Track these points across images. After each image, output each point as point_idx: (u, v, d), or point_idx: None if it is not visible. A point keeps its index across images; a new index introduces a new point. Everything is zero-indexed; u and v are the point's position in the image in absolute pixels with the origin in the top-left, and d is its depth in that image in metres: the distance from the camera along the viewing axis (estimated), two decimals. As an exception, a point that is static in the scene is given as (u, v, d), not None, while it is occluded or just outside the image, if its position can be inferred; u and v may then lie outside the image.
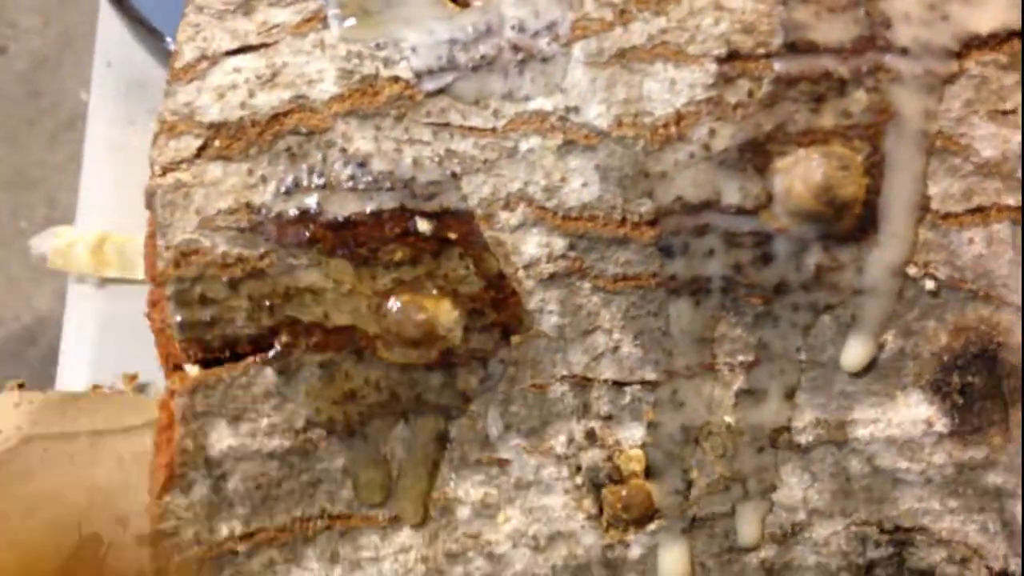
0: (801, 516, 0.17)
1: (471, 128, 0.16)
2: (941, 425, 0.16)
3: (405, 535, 0.17)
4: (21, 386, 0.32)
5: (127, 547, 0.31)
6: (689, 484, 0.17)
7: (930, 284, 0.16)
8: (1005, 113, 0.16)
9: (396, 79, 0.17)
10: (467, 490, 0.17)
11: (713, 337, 0.17)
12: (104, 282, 0.33)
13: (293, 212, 0.16)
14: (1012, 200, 0.16)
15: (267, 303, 0.16)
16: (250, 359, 0.17)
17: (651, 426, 0.17)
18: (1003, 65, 0.16)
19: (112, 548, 0.32)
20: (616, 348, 0.17)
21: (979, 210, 0.16)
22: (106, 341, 0.31)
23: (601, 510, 0.17)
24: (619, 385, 0.17)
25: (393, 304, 0.16)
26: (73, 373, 0.34)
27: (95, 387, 0.33)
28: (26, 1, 0.53)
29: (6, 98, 0.52)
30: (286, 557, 0.17)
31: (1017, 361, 0.16)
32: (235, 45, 0.17)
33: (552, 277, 0.16)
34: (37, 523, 0.32)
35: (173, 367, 0.17)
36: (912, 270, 0.16)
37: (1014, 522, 0.17)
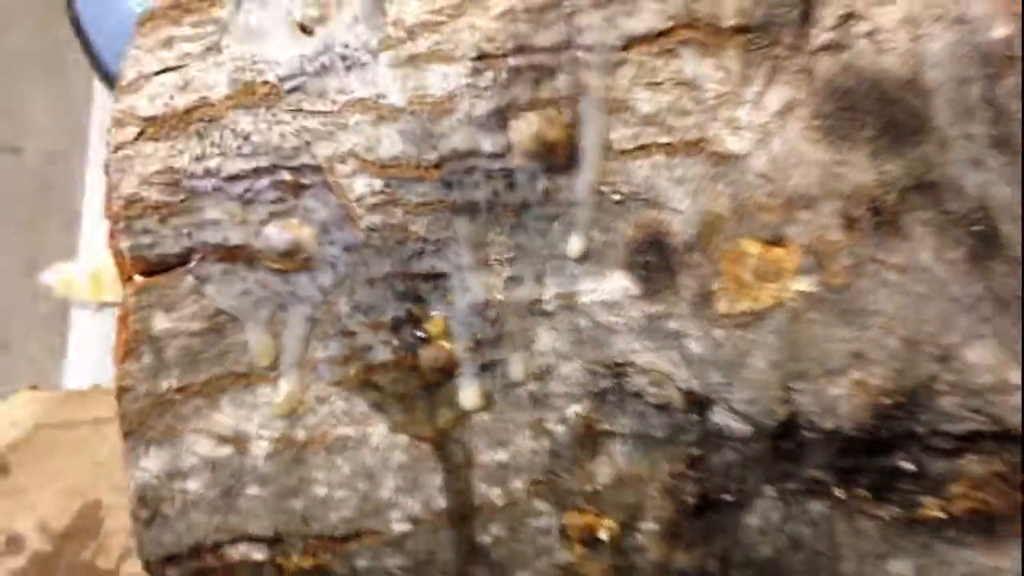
0: (552, 360, 0.25)
1: (317, 112, 0.24)
2: (635, 291, 0.24)
3: (288, 386, 0.25)
4: (34, 388, 0.40)
5: (121, 509, 0.39)
6: (478, 343, 0.25)
7: (617, 196, 0.24)
8: (655, 84, 0.24)
9: (266, 83, 0.24)
10: (329, 354, 0.25)
11: (486, 242, 0.24)
12: (101, 306, 0.40)
13: (201, 171, 0.24)
14: (664, 139, 0.24)
15: (186, 231, 0.24)
16: (177, 269, 0.24)
17: (449, 304, 0.25)
18: (653, 53, 0.24)
19: (110, 510, 0.40)
20: (422, 252, 0.24)
21: (642, 147, 0.24)
22: (103, 353, 0.38)
23: (418, 365, 0.25)
24: (425, 277, 0.25)
25: (270, 229, 0.24)
26: (76, 380, 0.41)
27: (95, 386, 0.40)
28: (38, 103, 0.57)
29: (22, 192, 0.55)
30: (208, 404, 0.25)
31: (681, 242, 0.24)
32: (160, 68, 0.25)
33: (374, 206, 0.24)
34: (50, 493, 0.39)
35: (127, 278, 0.24)
36: (605, 188, 0.24)
37: (692, 354, 0.24)
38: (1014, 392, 0.23)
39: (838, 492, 0.25)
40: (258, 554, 0.25)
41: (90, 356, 0.41)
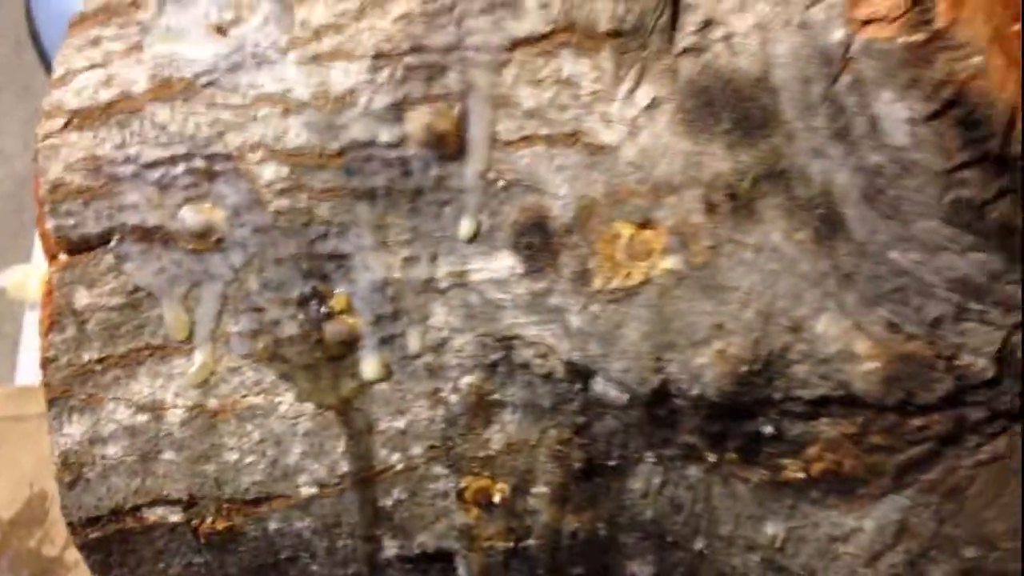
0: (446, 333, 0.27)
1: (229, 105, 0.26)
2: (520, 269, 0.26)
3: (201, 358, 0.27)
4: (-13, 383, 0.41)
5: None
6: (378, 318, 0.27)
7: (502, 183, 0.26)
8: (537, 81, 0.26)
9: (183, 78, 0.27)
10: (240, 328, 0.27)
11: (384, 225, 0.27)
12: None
13: (121, 158, 0.26)
14: (545, 131, 0.26)
15: (107, 213, 0.26)
16: (98, 249, 0.26)
17: (351, 282, 0.27)
18: (536, 54, 0.26)
19: (55, 501, 0.41)
20: (326, 234, 0.27)
21: (525, 139, 0.26)
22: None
23: (323, 339, 0.27)
24: (329, 257, 0.27)
25: (185, 212, 0.26)
26: (28, 376, 0.43)
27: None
28: (9, 128, 0.60)
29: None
30: (127, 374, 0.26)
31: (561, 224, 0.26)
32: (87, 64, 0.27)
33: (282, 191, 0.26)
34: (-1, 483, 0.41)
35: (51, 256, 0.26)
36: (491, 175, 0.26)
37: (572, 328, 0.27)
38: (858, 361, 0.26)
39: (711, 456, 0.28)
40: (174, 516, 0.27)
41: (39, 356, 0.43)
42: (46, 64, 0.46)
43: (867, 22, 0.24)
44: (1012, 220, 0.24)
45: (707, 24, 0.26)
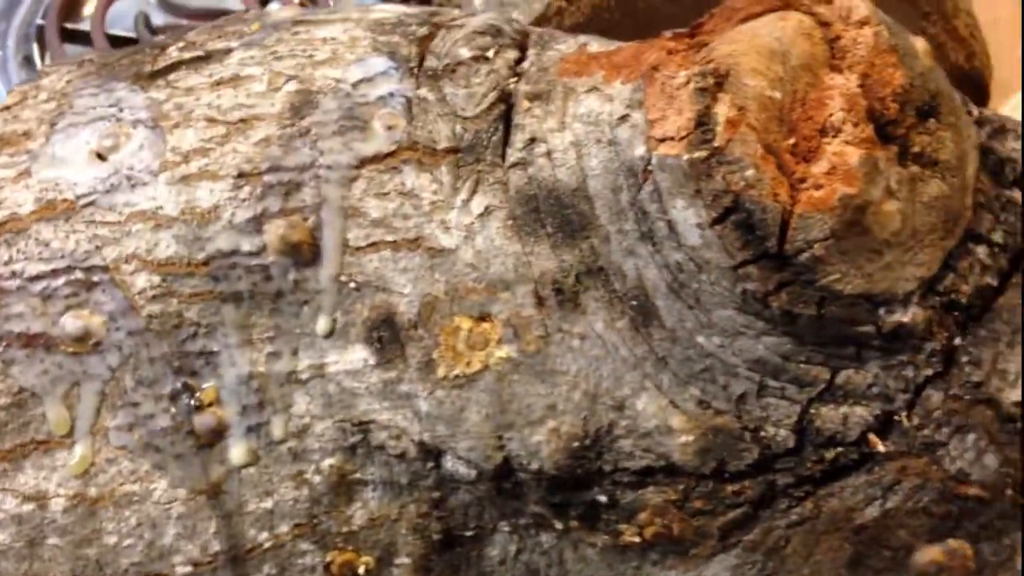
0: (307, 420, 0.30)
1: (107, 222, 0.29)
2: (372, 360, 0.29)
3: (82, 450, 0.29)
4: None
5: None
6: (244, 408, 0.30)
7: (353, 284, 0.29)
8: (383, 194, 0.30)
9: (65, 199, 0.30)
10: (117, 422, 0.29)
11: (249, 324, 0.29)
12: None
13: (8, 273, 0.29)
14: (390, 237, 0.29)
15: (-7, 322, 0.29)
16: (-15, 354, 0.29)
17: (219, 377, 0.29)
18: (381, 170, 0.30)
19: None
20: (195, 334, 0.29)
21: (373, 245, 0.29)
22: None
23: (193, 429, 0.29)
24: (199, 354, 0.29)
25: (65, 319, 0.29)
26: None
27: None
28: None
29: None
30: (14, 467, 0.29)
31: (407, 320, 0.29)
32: (-21, 189, 0.30)
33: (154, 298, 0.29)
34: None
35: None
36: (344, 278, 0.29)
37: (421, 412, 0.29)
38: (675, 434, 0.29)
39: (558, 524, 0.30)
40: (59, 598, 0.29)
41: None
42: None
43: (662, 140, 0.28)
44: (793, 308, 0.27)
45: (532, 141, 0.30)
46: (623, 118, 0.29)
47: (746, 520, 0.30)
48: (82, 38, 0.60)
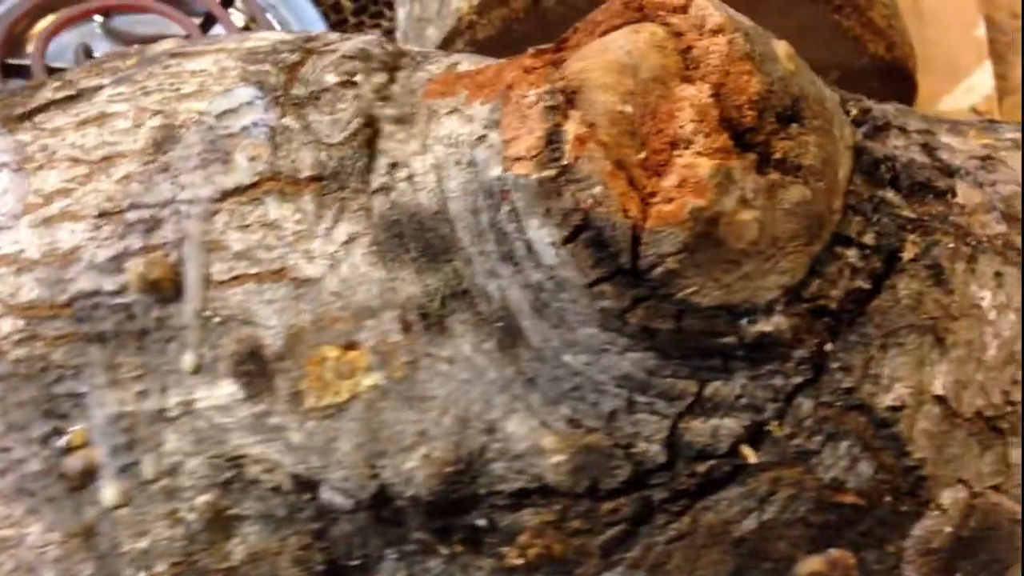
0: (179, 458, 0.29)
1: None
2: (240, 395, 0.29)
3: None
4: None
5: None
6: (115, 448, 0.29)
7: (218, 319, 0.29)
8: (245, 226, 0.29)
9: None
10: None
11: (116, 364, 0.29)
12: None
13: None
14: (254, 269, 0.29)
15: None
16: None
17: (88, 418, 0.29)
18: (243, 202, 0.29)
19: None
20: (62, 377, 0.29)
21: (236, 278, 0.29)
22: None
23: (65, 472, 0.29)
24: (67, 396, 0.29)
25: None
26: None
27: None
28: None
29: None
30: None
31: (273, 352, 0.29)
32: None
33: (19, 342, 0.29)
34: None
35: None
36: (208, 313, 0.29)
37: (293, 443, 0.29)
38: (547, 455, 0.29)
39: (443, 549, 0.30)
40: (-63, 648, 0.29)
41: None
42: None
43: (516, 159, 0.27)
44: (651, 323, 0.27)
45: (394, 166, 0.29)
46: (480, 138, 0.28)
47: (626, 537, 0.29)
48: (25, 73, 0.60)
